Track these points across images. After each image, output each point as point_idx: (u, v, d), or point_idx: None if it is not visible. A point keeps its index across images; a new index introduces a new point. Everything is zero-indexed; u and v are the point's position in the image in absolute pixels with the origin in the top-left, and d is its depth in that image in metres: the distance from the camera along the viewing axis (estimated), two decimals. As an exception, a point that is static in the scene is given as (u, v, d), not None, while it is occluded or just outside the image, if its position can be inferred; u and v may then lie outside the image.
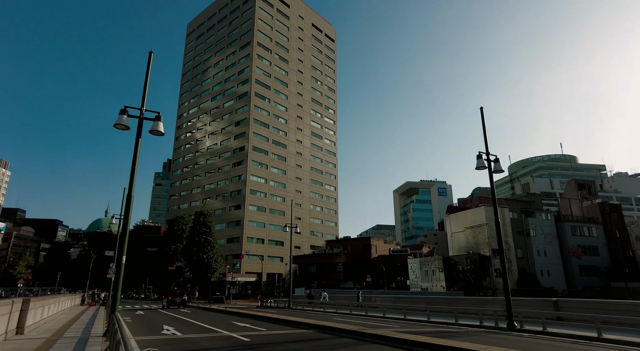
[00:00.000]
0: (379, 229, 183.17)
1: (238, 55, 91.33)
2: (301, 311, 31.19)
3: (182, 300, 35.81)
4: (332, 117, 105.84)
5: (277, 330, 15.76)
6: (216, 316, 24.15)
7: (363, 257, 71.35)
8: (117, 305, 12.15)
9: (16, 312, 12.12)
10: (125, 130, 13.99)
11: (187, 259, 59.55)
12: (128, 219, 13.08)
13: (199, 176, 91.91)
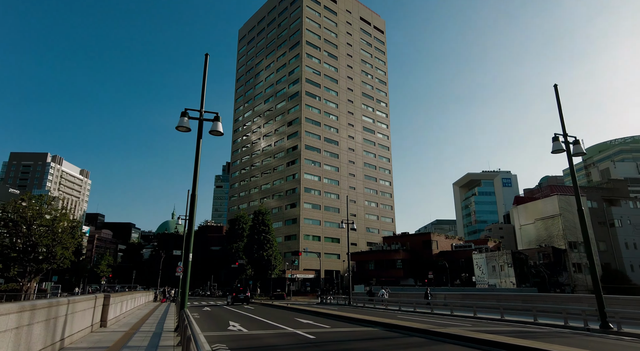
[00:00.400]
0: (438, 224, 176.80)
1: (288, 56, 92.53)
2: (362, 308, 30.60)
3: (245, 297, 36.81)
4: (384, 110, 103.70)
5: (341, 328, 15.34)
6: (278, 313, 24.33)
7: (423, 253, 69.03)
8: (186, 302, 12.42)
9: (99, 307, 12.89)
10: (187, 132, 14.29)
11: (248, 257, 61.38)
12: (193, 218, 13.33)
13: (256, 177, 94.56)
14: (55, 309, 8.16)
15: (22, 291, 40.73)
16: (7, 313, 6.12)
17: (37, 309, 7.21)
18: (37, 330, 7.38)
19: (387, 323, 15.34)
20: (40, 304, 7.38)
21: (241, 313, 23.93)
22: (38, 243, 40.29)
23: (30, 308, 6.94)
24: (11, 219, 42.12)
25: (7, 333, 6.13)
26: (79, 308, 10.08)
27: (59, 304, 8.33)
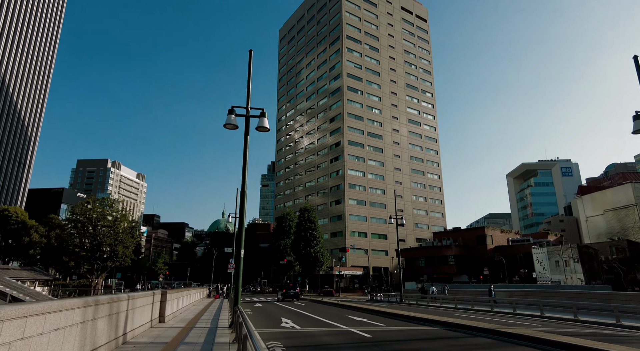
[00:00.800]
0: (491, 218, 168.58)
1: (328, 52, 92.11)
2: (414, 306, 29.57)
3: (295, 293, 37.03)
4: (429, 100, 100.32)
5: (398, 326, 14.67)
6: (329, 310, 24.02)
7: (477, 249, 66.07)
8: (239, 299, 12.38)
9: (157, 303, 13.21)
10: (234, 129, 14.27)
11: (295, 253, 61.92)
12: (243, 215, 13.28)
13: (300, 174, 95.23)
14: (116, 304, 8.29)
15: (91, 286, 43.90)
16: (72, 308, 6.18)
17: (100, 304, 7.31)
18: (101, 324, 7.49)
19: (448, 322, 14.44)
20: (103, 300, 7.49)
21: (292, 310, 23.90)
22: (102, 242, 43.15)
23: (93, 303, 7.02)
24: (79, 221, 45.46)
25: (73, 328, 6.20)
26: (138, 304, 10.28)
27: (119, 300, 8.46)
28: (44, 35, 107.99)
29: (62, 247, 47.43)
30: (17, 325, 4.64)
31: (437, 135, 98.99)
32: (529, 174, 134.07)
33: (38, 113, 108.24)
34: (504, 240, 68.33)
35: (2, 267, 38.17)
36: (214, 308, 22.90)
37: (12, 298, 33.40)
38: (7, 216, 57.24)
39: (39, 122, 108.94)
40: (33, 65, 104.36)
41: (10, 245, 56.90)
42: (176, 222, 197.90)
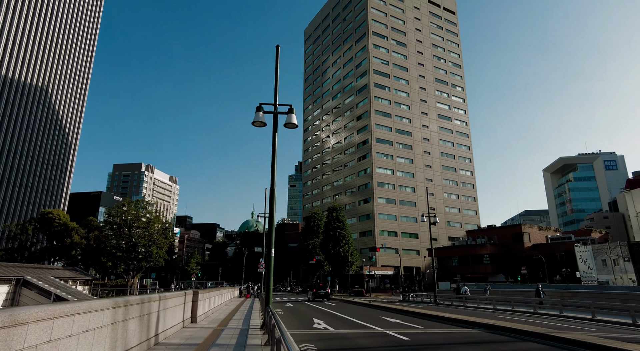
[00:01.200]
0: (527, 215, 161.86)
1: (354, 49, 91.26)
2: (450, 306, 28.48)
3: (325, 293, 36.61)
4: (460, 95, 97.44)
5: (436, 328, 13.94)
6: (362, 310, 23.44)
7: (513, 247, 63.43)
8: (271, 299, 12.08)
9: (189, 303, 13.14)
10: (262, 127, 14.02)
11: (324, 253, 61.56)
12: (273, 213, 12.98)
13: (327, 174, 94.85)
14: (147, 305, 8.13)
15: (128, 286, 45.31)
16: (102, 309, 6.00)
17: (130, 305, 7.14)
18: (132, 325, 7.34)
19: (491, 324, 13.56)
20: (133, 300, 7.32)
21: (323, 310, 23.50)
22: (137, 243, 44.41)
23: (123, 304, 6.85)
24: (115, 222, 47.01)
25: (103, 329, 6.02)
26: (170, 305, 10.15)
27: (151, 300, 8.30)
28: (82, 45, 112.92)
29: (100, 248, 49.28)
30: (43, 327, 4.43)
31: (468, 130, 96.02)
32: (568, 169, 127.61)
33: (77, 120, 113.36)
34: (543, 237, 65.27)
35: (46, 267, 40.01)
36: (245, 308, 22.85)
37: (56, 297, 34.83)
38: (51, 218, 60.13)
39: (78, 129, 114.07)
40: (72, 74, 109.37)
41: (54, 246, 59.75)
42: (207, 223, 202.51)
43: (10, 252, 60.15)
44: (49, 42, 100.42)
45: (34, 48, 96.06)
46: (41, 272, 37.52)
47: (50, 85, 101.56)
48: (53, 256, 61.02)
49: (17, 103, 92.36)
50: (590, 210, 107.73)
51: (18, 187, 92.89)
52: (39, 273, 37.62)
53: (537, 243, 63.19)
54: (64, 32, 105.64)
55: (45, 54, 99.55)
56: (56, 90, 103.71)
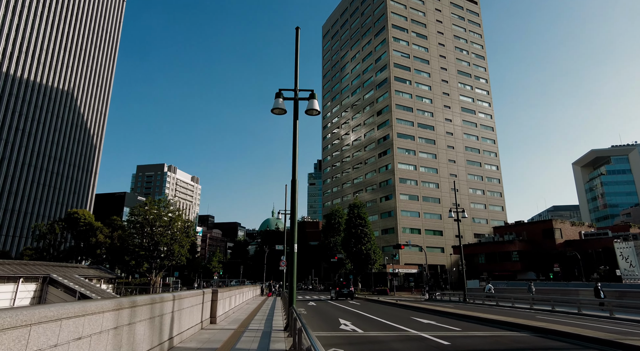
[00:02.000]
0: (555, 211, 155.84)
1: (373, 43, 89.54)
2: (482, 306, 26.92)
3: (349, 292, 35.48)
4: (484, 87, 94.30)
5: (476, 331, 12.66)
6: (389, 310, 22.25)
7: (544, 244, 60.69)
8: (294, 298, 11.12)
9: (208, 302, 12.32)
10: (282, 114, 13.12)
11: (346, 251, 60.49)
12: (295, 205, 12.01)
13: (347, 171, 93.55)
14: (159, 306, 7.26)
15: (150, 284, 45.45)
16: (101, 311, 5.11)
17: (138, 306, 6.25)
18: (141, 329, 6.48)
19: (539, 327, 12.18)
20: (141, 301, 6.43)
21: (349, 310, 22.43)
22: (159, 241, 44.46)
23: (129, 305, 5.96)
24: (138, 221, 47.24)
25: (102, 335, 5.13)
26: (186, 305, 9.31)
27: (163, 300, 7.43)
28: (104, 49, 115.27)
29: (123, 246, 49.69)
30: (16, 336, 3.53)
31: (493, 123, 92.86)
32: (600, 161, 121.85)
33: (101, 123, 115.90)
34: (575, 233, 62.20)
35: (72, 265, 40.43)
36: (267, 307, 22.03)
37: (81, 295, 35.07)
38: (77, 218, 61.26)
39: (102, 131, 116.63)
40: (95, 78, 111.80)
41: (81, 245, 60.86)
42: (229, 222, 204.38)
43: (39, 251, 61.73)
44: (73, 47, 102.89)
45: (59, 53, 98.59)
46: (66, 271, 37.88)
47: (75, 89, 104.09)
48: (79, 255, 62.20)
49: (45, 107, 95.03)
50: (625, 205, 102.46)
51: (47, 188, 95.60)
52: (65, 272, 38.00)
53: (569, 239, 60.26)
54: (87, 37, 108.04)
55: (70, 59, 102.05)
56: (81, 94, 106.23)
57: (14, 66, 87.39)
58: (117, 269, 63.53)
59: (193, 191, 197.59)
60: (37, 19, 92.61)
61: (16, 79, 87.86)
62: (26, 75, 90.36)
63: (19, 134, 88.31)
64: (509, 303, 26.70)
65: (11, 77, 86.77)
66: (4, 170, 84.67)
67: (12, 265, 35.28)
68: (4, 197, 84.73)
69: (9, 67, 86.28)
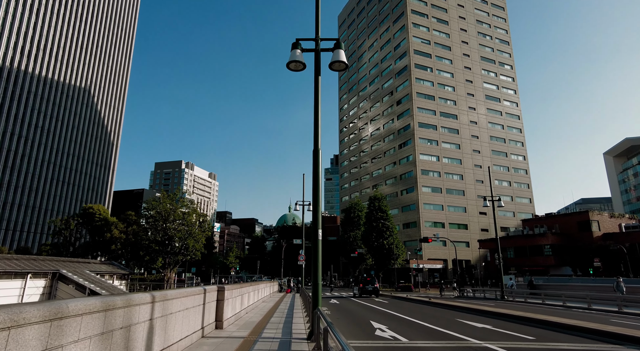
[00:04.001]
0: (584, 204, 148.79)
1: (392, 30, 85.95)
2: (524, 304, 23.88)
3: (374, 288, 32.73)
4: (509, 73, 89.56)
5: (557, 341, 9.84)
6: (425, 310, 19.50)
7: (580, 237, 56.56)
8: (320, 299, 8.60)
9: (212, 303, 9.87)
10: (301, 71, 10.59)
11: (366, 246, 57.83)
12: (318, 179, 9.45)
13: (366, 163, 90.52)
14: (122, 314, 4.76)
15: (165, 280, 43.82)
16: None
17: (68, 317, 3.74)
18: (97, 347, 4.06)
19: None
20: (78, 307, 3.90)
21: (378, 309, 19.78)
22: (173, 236, 42.72)
23: (52, 315, 3.47)
24: (151, 215, 45.62)
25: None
26: (176, 308, 6.86)
27: (129, 304, 4.92)
28: (120, 46, 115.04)
29: (137, 241, 48.28)
30: None
31: (519, 111, 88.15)
32: (635, 151, 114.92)
33: (118, 120, 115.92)
34: (615, 226, 57.79)
35: (83, 261, 39.22)
36: (285, 306, 19.59)
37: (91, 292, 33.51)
38: (92, 213, 60.45)
39: (119, 128, 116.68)
40: (111, 75, 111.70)
41: (96, 240, 60.05)
42: (247, 218, 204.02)
43: (56, 247, 61.26)
44: (89, 44, 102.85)
45: (76, 51, 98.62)
46: (77, 266, 36.51)
47: (91, 86, 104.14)
48: (95, 251, 61.46)
49: (62, 105, 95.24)
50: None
51: (66, 185, 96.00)
52: (75, 267, 36.57)
53: (608, 232, 55.95)
54: (103, 34, 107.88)
55: (87, 56, 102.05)
56: (97, 91, 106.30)
57: (32, 64, 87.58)
58: (132, 265, 62.57)
59: (211, 187, 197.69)
60: (54, 17, 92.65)
61: (34, 76, 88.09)
62: (44, 72, 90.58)
63: (37, 131, 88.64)
64: (557, 301, 23.55)
65: (29, 74, 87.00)
66: (24, 167, 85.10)
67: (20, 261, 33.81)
68: (24, 194, 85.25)
69: (27, 64, 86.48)
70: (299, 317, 13.77)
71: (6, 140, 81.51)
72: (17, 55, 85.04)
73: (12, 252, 64.42)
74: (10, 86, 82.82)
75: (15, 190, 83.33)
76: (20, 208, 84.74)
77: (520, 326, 12.38)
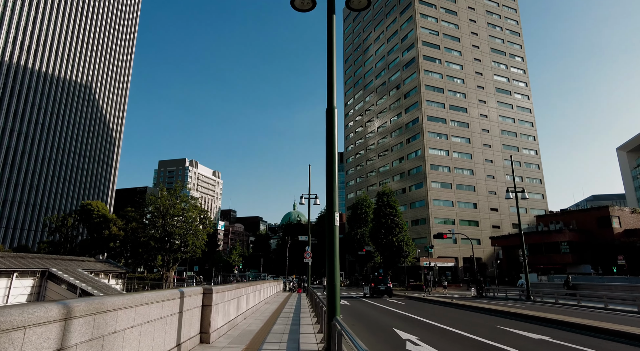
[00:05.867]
0: (595, 200, 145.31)
1: (399, 21, 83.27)
2: (555, 305, 21.41)
3: (386, 288, 30.27)
4: (520, 65, 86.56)
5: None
6: (452, 314, 17.09)
7: (599, 234, 53.85)
8: (338, 306, 6.26)
9: (195, 309, 7.54)
10: (308, 11, 8.10)
11: (374, 243, 55.49)
12: (333, 141, 7.14)
13: (372, 159, 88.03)
14: None
15: (163, 280, 41.71)
16: None
17: None
18: None
19: None
20: None
21: (397, 313, 17.40)
22: (172, 232, 40.60)
23: None
24: (150, 211, 43.52)
25: None
26: (124, 323, 4.51)
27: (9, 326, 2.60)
28: (121, 42, 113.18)
29: (136, 238, 46.20)
30: None
31: (531, 104, 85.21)
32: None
33: (120, 117, 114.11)
34: (637, 222, 54.97)
35: (77, 258, 37.22)
36: (290, 308, 17.27)
37: (82, 292, 31.34)
38: (90, 210, 58.45)
39: (121, 125, 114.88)
40: (113, 71, 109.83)
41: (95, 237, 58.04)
42: (251, 216, 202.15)
43: (53, 245, 59.28)
44: (90, 39, 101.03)
45: (77, 46, 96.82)
46: (69, 264, 34.42)
47: (93, 82, 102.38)
48: (93, 248, 59.49)
49: (63, 101, 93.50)
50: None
51: (67, 183, 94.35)
52: (67, 266, 34.43)
53: (630, 228, 53.16)
54: (104, 29, 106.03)
55: (88, 51, 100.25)
56: (99, 87, 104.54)
57: (31, 59, 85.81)
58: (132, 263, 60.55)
59: (215, 186, 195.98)
60: (54, 10, 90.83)
61: (34, 71, 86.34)
62: (44, 68, 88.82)
63: (38, 128, 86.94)
64: (596, 303, 21.01)
65: (29, 70, 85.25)
66: (24, 164, 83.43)
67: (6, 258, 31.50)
68: (24, 192, 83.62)
69: (26, 60, 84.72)
70: (307, 324, 11.44)
71: (5, 136, 79.84)
72: (17, 50, 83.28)
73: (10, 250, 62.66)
74: (10, 81, 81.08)
75: (15, 188, 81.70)
76: (20, 206, 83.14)
77: (588, 339, 9.94)
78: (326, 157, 7.15)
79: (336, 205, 7.01)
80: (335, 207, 6.94)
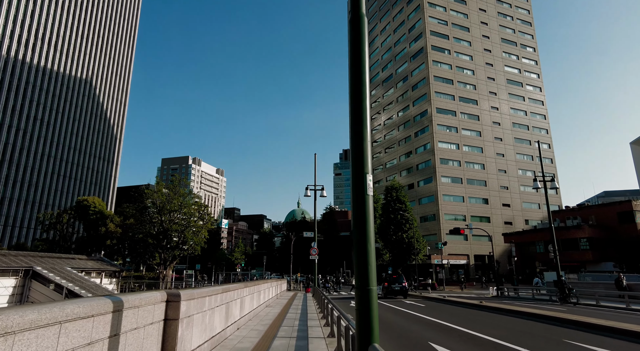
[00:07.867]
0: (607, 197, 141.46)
1: (406, 11, 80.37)
2: (597, 309, 18.76)
3: (402, 288, 27.65)
4: (531, 56, 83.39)
5: None
6: (488, 319, 14.48)
7: (621, 229, 50.91)
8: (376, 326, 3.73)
9: (151, 326, 4.95)
10: None
11: (383, 240, 52.88)
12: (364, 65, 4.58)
13: (379, 154, 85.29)
14: None
15: (160, 279, 39.37)
16: None
17: None
18: None
19: None
20: None
21: (422, 318, 14.81)
22: (169, 228, 38.22)
23: None
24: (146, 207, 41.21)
25: None
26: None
27: None
28: (122, 37, 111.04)
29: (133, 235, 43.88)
30: None
31: (543, 96, 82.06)
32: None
33: (121, 113, 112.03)
34: (660, 217, 51.87)
35: (66, 256, 34.93)
36: (295, 313, 14.74)
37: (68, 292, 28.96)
38: (87, 206, 56.25)
39: (122, 122, 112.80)
40: (114, 67, 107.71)
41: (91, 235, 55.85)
42: (255, 214, 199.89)
43: (50, 243, 57.12)
44: (91, 34, 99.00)
45: (77, 41, 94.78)
46: (57, 263, 32.07)
47: (94, 78, 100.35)
48: (90, 246, 57.32)
49: (63, 96, 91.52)
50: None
51: (67, 180, 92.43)
52: (54, 264, 32.08)
53: (654, 223, 50.14)
54: (105, 24, 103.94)
55: (88, 47, 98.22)
56: (100, 83, 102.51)
57: (30, 53, 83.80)
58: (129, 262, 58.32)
59: (218, 183, 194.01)
60: (53, 4, 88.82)
61: (32, 66, 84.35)
62: (43, 63, 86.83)
63: (37, 123, 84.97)
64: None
65: (27, 64, 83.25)
66: (23, 161, 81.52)
67: (-14, 256, 29.18)
68: (23, 189, 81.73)
69: (25, 54, 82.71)
70: (317, 337, 8.88)
71: (3, 132, 77.91)
72: (14, 44, 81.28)
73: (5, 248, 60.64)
74: (7, 76, 79.09)
75: (13, 185, 79.82)
76: (19, 203, 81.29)
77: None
78: (351, 83, 4.62)
79: (368, 165, 4.47)
80: (367, 166, 4.41)
